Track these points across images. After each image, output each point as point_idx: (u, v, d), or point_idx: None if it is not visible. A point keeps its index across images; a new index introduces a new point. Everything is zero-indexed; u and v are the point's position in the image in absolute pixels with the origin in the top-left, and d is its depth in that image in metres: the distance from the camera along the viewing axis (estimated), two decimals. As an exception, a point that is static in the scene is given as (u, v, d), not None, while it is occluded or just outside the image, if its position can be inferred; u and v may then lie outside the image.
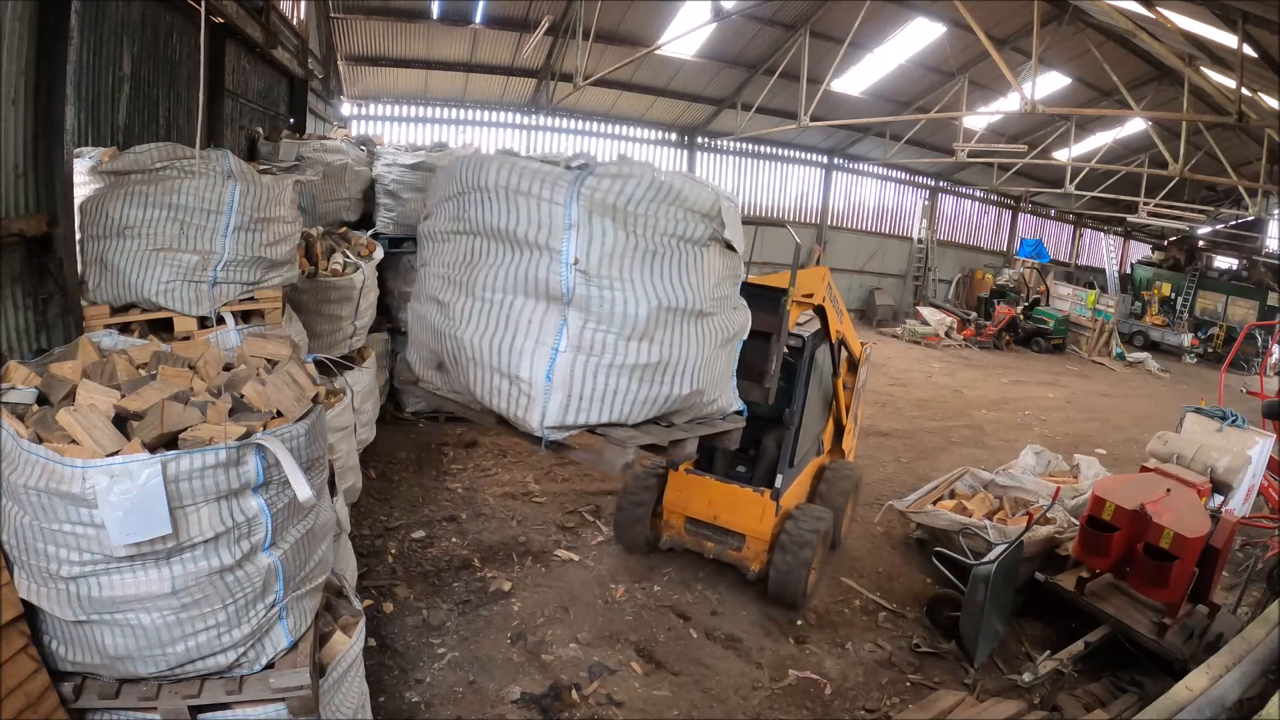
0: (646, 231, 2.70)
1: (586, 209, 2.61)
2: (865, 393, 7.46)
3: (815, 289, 4.85)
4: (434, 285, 2.99)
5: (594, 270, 2.62)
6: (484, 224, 2.75)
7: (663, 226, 2.73)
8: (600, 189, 2.63)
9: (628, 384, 2.76)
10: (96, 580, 2.44)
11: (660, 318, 2.75)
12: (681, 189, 2.77)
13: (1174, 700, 3.21)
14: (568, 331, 2.64)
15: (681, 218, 2.78)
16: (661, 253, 2.75)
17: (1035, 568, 5.27)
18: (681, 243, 2.80)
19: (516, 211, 2.65)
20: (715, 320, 3.06)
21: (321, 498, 3.04)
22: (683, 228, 2.78)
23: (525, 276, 2.67)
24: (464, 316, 2.77)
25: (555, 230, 2.61)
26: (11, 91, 3.08)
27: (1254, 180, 13.84)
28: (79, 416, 2.47)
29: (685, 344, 2.87)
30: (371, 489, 6.14)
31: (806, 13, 11.91)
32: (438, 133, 14.40)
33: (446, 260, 2.95)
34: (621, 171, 2.66)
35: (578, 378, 2.69)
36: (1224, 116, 8.13)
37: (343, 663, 3.01)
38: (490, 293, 2.72)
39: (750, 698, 4.25)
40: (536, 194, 2.64)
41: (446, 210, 2.98)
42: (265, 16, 7.22)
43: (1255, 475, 6.44)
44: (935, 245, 20.30)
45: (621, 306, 2.68)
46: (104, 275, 3.72)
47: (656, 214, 2.70)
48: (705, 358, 2.99)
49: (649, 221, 2.70)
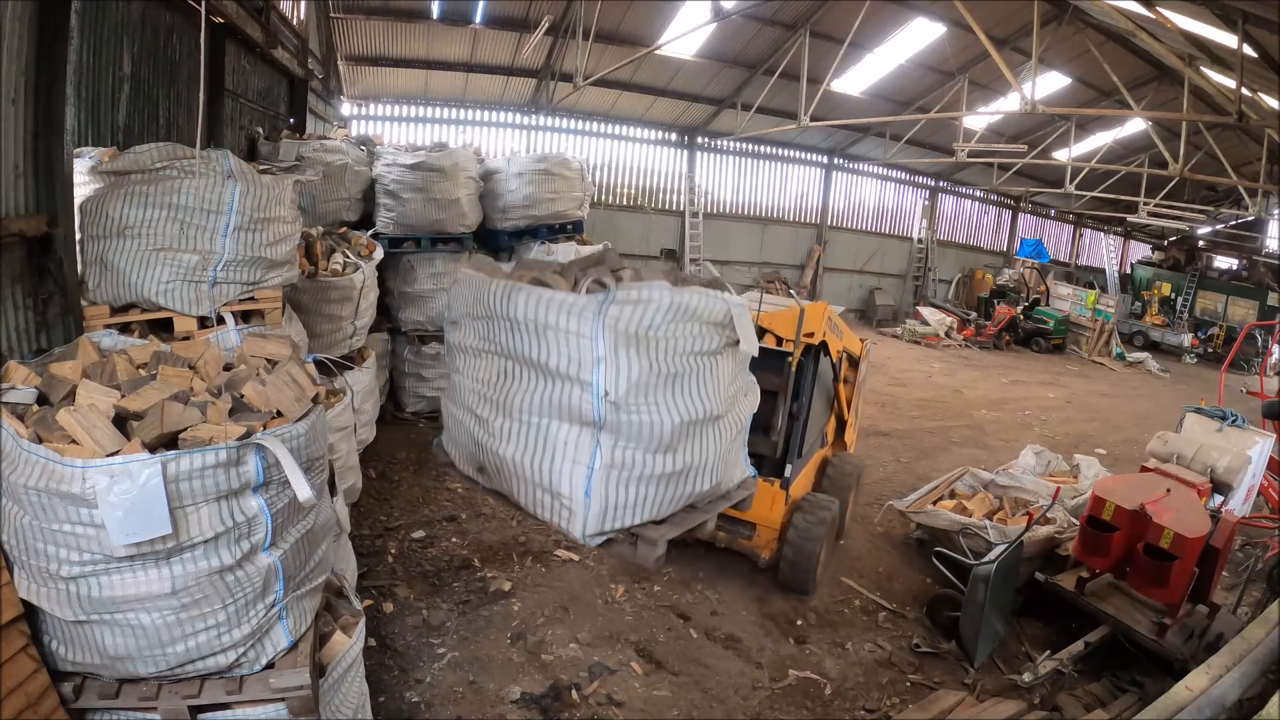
0: (667, 354, 2.93)
1: (612, 341, 2.82)
2: (866, 393, 7.51)
3: (816, 328, 5.00)
4: (470, 398, 3.23)
5: (622, 400, 2.85)
6: (515, 351, 2.99)
7: (681, 346, 2.97)
8: (623, 317, 2.83)
9: (656, 490, 3.05)
10: (96, 580, 2.44)
11: (683, 431, 3.02)
12: (696, 305, 2.98)
13: (1174, 700, 3.21)
14: (601, 452, 2.91)
15: (698, 332, 3.01)
16: (682, 373, 2.99)
17: (1035, 568, 5.27)
18: (699, 357, 3.05)
19: (547, 346, 2.87)
20: (730, 417, 3.33)
21: (321, 498, 3.04)
22: (699, 343, 3.02)
23: (559, 403, 2.91)
24: (504, 435, 3.03)
25: (585, 365, 2.83)
26: (11, 91, 3.08)
27: (1254, 180, 13.84)
28: (79, 416, 2.47)
29: (705, 448, 3.15)
30: (371, 489, 6.14)
31: (806, 13, 11.91)
32: (438, 133, 14.40)
33: (480, 376, 3.19)
34: (640, 297, 2.86)
35: (612, 490, 2.97)
36: (1224, 116, 8.13)
37: (343, 663, 3.01)
38: (527, 415, 2.97)
39: (750, 698, 4.25)
40: (564, 328, 2.84)
41: (476, 329, 3.19)
42: (265, 16, 7.22)
43: (1255, 475, 6.44)
44: (935, 245, 20.30)
45: (649, 427, 2.93)
46: (104, 275, 3.72)
47: (675, 333, 2.93)
48: (722, 453, 3.27)
49: (669, 343, 2.93)
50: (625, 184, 16.40)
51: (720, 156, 17.19)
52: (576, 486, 2.97)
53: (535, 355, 2.90)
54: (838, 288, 19.02)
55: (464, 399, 3.26)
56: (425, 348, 7.90)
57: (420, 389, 8.01)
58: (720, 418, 3.20)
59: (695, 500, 3.26)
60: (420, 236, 7.55)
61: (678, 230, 16.71)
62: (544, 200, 7.87)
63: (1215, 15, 6.59)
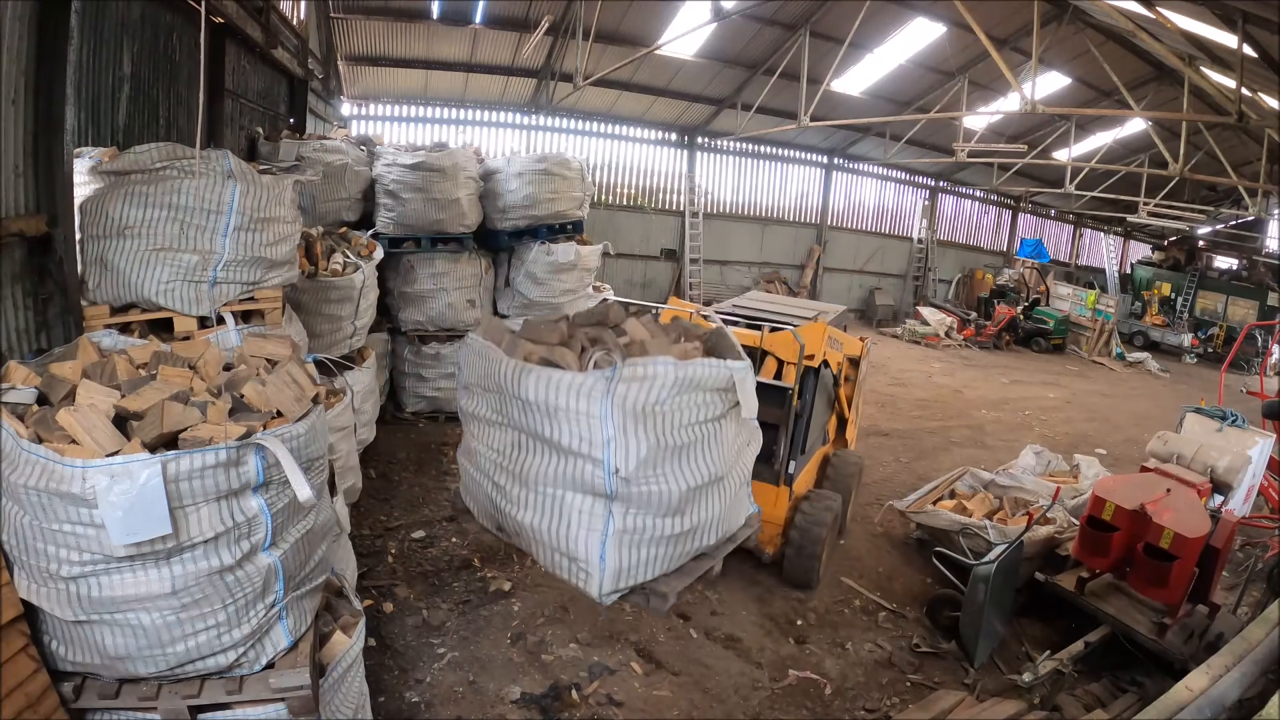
0: (673, 427, 3.06)
1: (620, 420, 2.95)
2: (866, 393, 7.51)
3: (816, 350, 5.05)
4: (487, 465, 3.41)
5: (633, 475, 3.00)
6: (529, 428, 3.14)
7: (687, 417, 3.10)
8: (630, 395, 2.95)
9: (667, 549, 3.23)
10: (96, 580, 2.44)
11: (690, 495, 3.17)
12: (700, 376, 3.09)
13: (1174, 700, 3.21)
14: (614, 519, 3.08)
15: (702, 401, 3.13)
16: (688, 443, 3.13)
17: (1035, 568, 5.27)
18: (704, 425, 3.17)
19: (559, 426, 3.01)
20: (735, 473, 3.48)
21: (321, 498, 3.04)
22: (704, 412, 3.15)
23: (573, 477, 3.08)
24: (521, 503, 3.21)
25: (596, 444, 2.97)
26: (11, 91, 3.08)
27: (1254, 180, 13.83)
28: (79, 416, 2.48)
29: (711, 505, 3.32)
30: (371, 489, 6.14)
31: (806, 13, 11.90)
32: (438, 133, 14.38)
33: (496, 446, 3.36)
34: (646, 373, 2.97)
35: (625, 553, 3.15)
36: (1224, 116, 8.12)
37: (343, 663, 3.01)
38: (542, 485, 3.14)
39: (750, 698, 4.25)
40: (575, 409, 2.97)
41: (489, 401, 3.34)
42: (265, 16, 7.22)
43: (1255, 475, 6.43)
44: (935, 245, 20.29)
45: (658, 496, 3.08)
46: (104, 275, 3.72)
47: (680, 405, 3.06)
48: (727, 506, 3.43)
49: (675, 416, 3.06)
50: (625, 184, 16.39)
51: (720, 156, 17.18)
52: (592, 551, 3.13)
53: (548, 434, 3.05)
54: (838, 288, 19.01)
55: (482, 465, 3.43)
56: (425, 348, 7.90)
57: (420, 389, 8.02)
58: (725, 477, 3.35)
59: (704, 550, 3.43)
60: (420, 236, 7.55)
61: (678, 230, 16.70)
62: (544, 200, 7.87)
63: (1215, 15, 6.59)
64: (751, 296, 6.57)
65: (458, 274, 7.84)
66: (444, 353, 7.90)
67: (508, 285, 8.23)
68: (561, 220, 8.14)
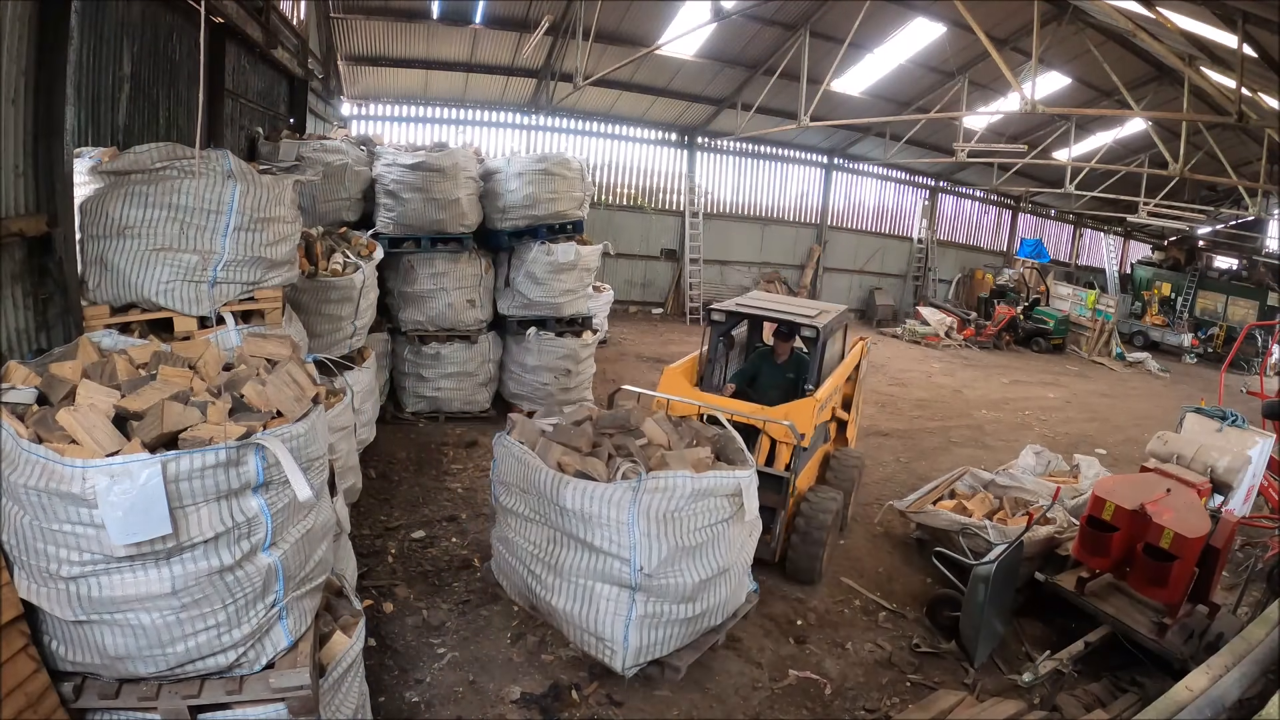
0: (689, 530, 3.63)
1: (645, 525, 3.53)
2: (866, 393, 7.52)
3: (808, 428, 5.19)
4: (524, 554, 3.95)
5: (655, 571, 3.58)
6: (564, 528, 3.69)
7: (700, 520, 3.66)
8: (653, 504, 3.54)
9: (681, 629, 3.82)
10: (96, 580, 2.44)
11: (701, 585, 3.74)
12: (711, 485, 3.68)
13: (1174, 700, 3.21)
14: (636, 607, 3.64)
15: (714, 505, 3.70)
16: (701, 544, 3.68)
17: (1035, 568, 5.27)
18: (714, 527, 3.73)
19: (592, 530, 3.57)
20: (738, 563, 4.04)
21: (321, 498, 3.04)
22: (714, 515, 3.71)
23: (602, 570, 3.63)
24: (555, 590, 3.75)
25: (623, 546, 3.54)
26: (11, 91, 3.08)
27: (1254, 180, 13.82)
28: (79, 416, 2.48)
29: (719, 592, 3.87)
30: (371, 489, 6.14)
31: (806, 13, 11.90)
32: (438, 133, 14.40)
33: (532, 539, 3.91)
34: (666, 485, 3.56)
35: (646, 633, 3.75)
36: (1224, 116, 8.12)
37: (343, 663, 3.01)
38: (574, 576, 3.68)
39: (750, 698, 4.25)
40: (606, 516, 3.54)
41: (528, 501, 3.88)
42: (265, 16, 7.22)
43: (1255, 475, 6.43)
44: (935, 245, 20.29)
45: (675, 588, 3.65)
46: (104, 275, 3.72)
47: (695, 510, 3.62)
48: (733, 590, 4.03)
49: (690, 520, 3.63)
50: (625, 184, 16.40)
51: (720, 156, 17.18)
52: (617, 633, 3.73)
53: (582, 535, 3.59)
54: (838, 288, 19.01)
55: (519, 554, 3.96)
56: (425, 348, 7.90)
57: (420, 389, 8.02)
58: (730, 568, 3.91)
59: (712, 627, 4.02)
60: (420, 236, 7.55)
61: (678, 230, 16.71)
62: (544, 200, 7.87)
63: (1215, 15, 6.59)
64: (753, 296, 6.63)
65: (458, 274, 7.84)
66: (444, 353, 7.91)
67: (508, 285, 8.23)
68: (561, 220, 8.13)
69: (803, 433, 5.05)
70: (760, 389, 5.88)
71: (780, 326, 5.80)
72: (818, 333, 5.47)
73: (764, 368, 6.03)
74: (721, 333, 6.04)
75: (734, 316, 5.92)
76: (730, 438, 4.38)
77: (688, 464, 3.79)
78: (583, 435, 4.04)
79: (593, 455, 3.80)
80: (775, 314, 5.77)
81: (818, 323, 5.52)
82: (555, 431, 4.07)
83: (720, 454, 4.31)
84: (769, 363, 6.03)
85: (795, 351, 6.04)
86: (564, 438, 3.97)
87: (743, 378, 6.02)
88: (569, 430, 4.06)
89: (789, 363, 5.96)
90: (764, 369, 6.03)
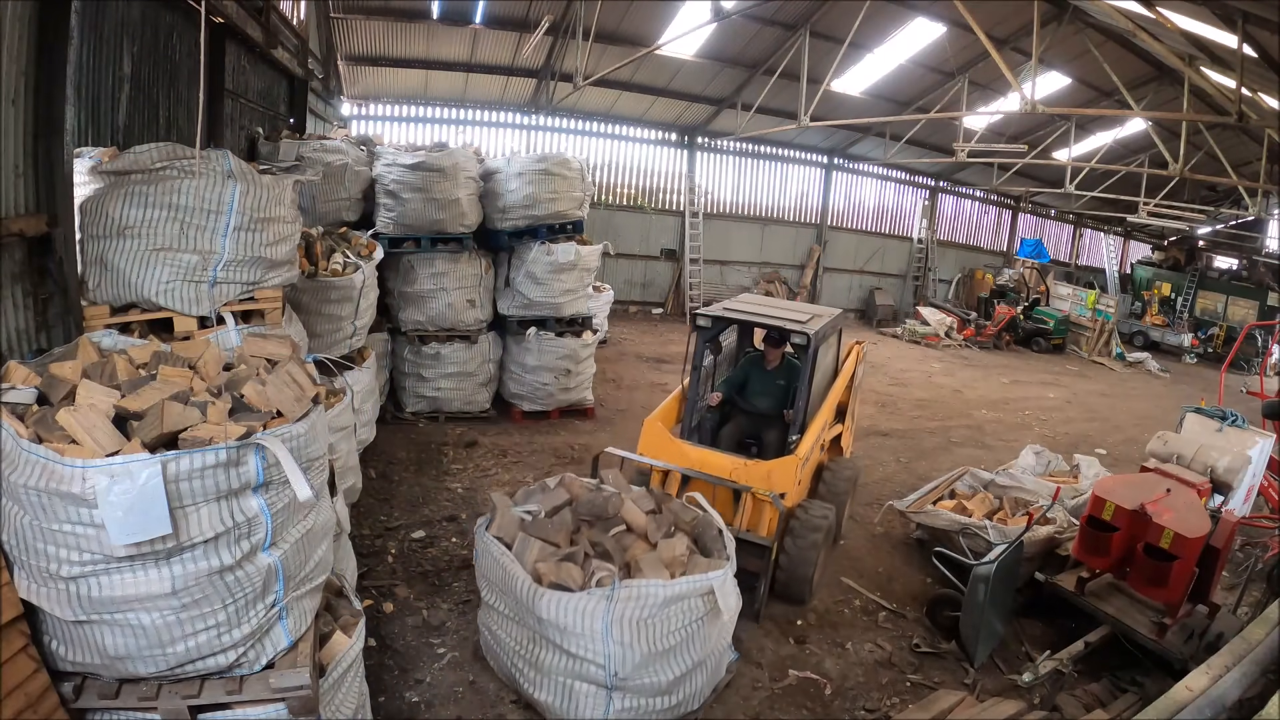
0: (663, 634, 3.64)
1: (619, 633, 3.57)
2: (866, 393, 7.46)
3: (790, 488, 4.97)
4: (508, 648, 3.96)
5: (629, 675, 3.64)
6: (543, 634, 3.71)
7: (675, 622, 3.67)
8: (627, 612, 3.57)
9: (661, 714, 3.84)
10: (96, 580, 2.44)
11: (677, 680, 3.77)
12: (685, 590, 3.66)
13: (1174, 700, 3.21)
14: (614, 702, 3.72)
15: (689, 607, 3.69)
16: (675, 645, 3.70)
17: (1035, 568, 5.27)
18: (688, 627, 3.72)
19: (568, 639, 3.62)
20: (715, 650, 3.99)
21: (321, 498, 3.05)
22: (688, 616, 3.71)
23: (580, 672, 3.68)
24: (537, 685, 3.81)
25: (599, 654, 3.60)
26: (11, 91, 3.08)
27: (1254, 180, 13.83)
28: (79, 416, 2.48)
29: (695, 682, 3.90)
30: (371, 489, 6.14)
31: (806, 13, 11.90)
32: (438, 133, 14.39)
33: (515, 636, 3.91)
34: (639, 594, 3.58)
35: None
36: (1224, 116, 8.12)
37: (343, 663, 3.01)
38: (554, 674, 3.74)
39: (750, 698, 4.25)
40: (581, 628, 3.57)
41: (508, 602, 3.89)
42: (265, 16, 7.22)
43: (1255, 475, 6.43)
44: (935, 245, 20.29)
45: (650, 685, 3.71)
46: (104, 275, 3.72)
47: (668, 614, 3.65)
48: (710, 675, 4.02)
49: (664, 624, 3.64)
50: (625, 184, 16.40)
51: (720, 156, 17.18)
52: None
53: (559, 641, 3.65)
54: (838, 288, 19.02)
55: (502, 645, 3.99)
56: (425, 348, 7.90)
57: (420, 389, 8.02)
58: (706, 660, 3.91)
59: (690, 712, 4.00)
60: (420, 236, 7.55)
61: (678, 230, 16.71)
62: (544, 200, 7.87)
63: (1215, 15, 6.58)
64: (743, 299, 6.25)
65: (458, 274, 7.84)
66: (444, 353, 7.91)
67: (508, 285, 8.23)
68: (561, 220, 8.13)
69: (785, 493, 4.85)
70: (750, 397, 5.70)
71: (771, 332, 5.48)
72: (809, 340, 5.14)
73: (754, 374, 5.75)
74: (708, 339, 5.66)
75: (721, 321, 5.53)
76: (709, 523, 4.28)
77: (663, 565, 3.77)
78: (560, 528, 4.02)
79: (568, 560, 3.78)
80: (764, 319, 5.45)
81: (809, 329, 5.19)
82: (534, 524, 4.02)
83: (699, 540, 4.20)
84: (759, 369, 5.75)
85: (787, 357, 5.70)
86: (542, 532, 3.95)
87: (731, 385, 5.76)
88: (546, 525, 4.02)
89: (780, 369, 5.67)
90: (754, 376, 5.75)
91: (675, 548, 3.93)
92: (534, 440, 7.83)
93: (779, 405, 5.56)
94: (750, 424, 5.72)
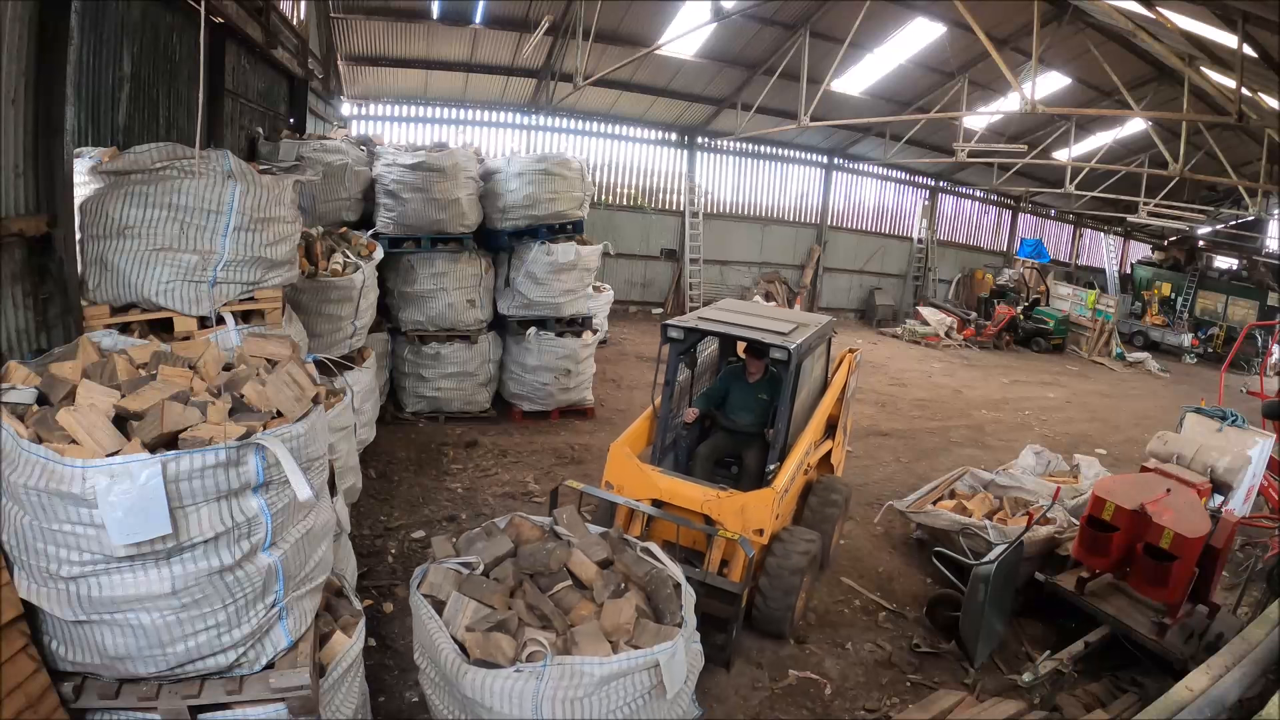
0: (601, 715, 3.18)
1: (550, 714, 3.10)
2: (865, 393, 7.42)
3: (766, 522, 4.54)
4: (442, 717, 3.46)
5: None
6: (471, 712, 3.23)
7: (613, 702, 3.21)
8: (559, 694, 3.10)
9: None
10: (96, 580, 2.44)
11: None
12: (624, 668, 3.19)
13: (1174, 700, 3.21)
14: None
15: (630, 685, 3.22)
16: None
17: (1035, 568, 5.27)
18: (630, 703, 3.26)
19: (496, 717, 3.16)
20: None
21: (321, 498, 3.04)
22: (629, 694, 3.24)
23: None
24: None
25: None
26: (11, 91, 3.08)
27: (1254, 180, 13.83)
28: (79, 416, 2.48)
29: None
30: (371, 489, 6.14)
31: (806, 13, 11.90)
32: (438, 133, 14.40)
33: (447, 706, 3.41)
34: (573, 672, 3.11)
35: None
36: (1224, 116, 8.13)
37: (343, 663, 3.01)
38: None
39: (750, 698, 4.25)
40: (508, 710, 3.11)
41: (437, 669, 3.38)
42: (265, 16, 7.22)
43: (1255, 475, 6.43)
44: (935, 245, 20.30)
45: None
46: (104, 275, 3.72)
47: (607, 693, 3.20)
48: None
49: (602, 703, 3.19)
50: (625, 184, 16.40)
51: (720, 156, 17.18)
52: None
53: None
54: (838, 288, 19.02)
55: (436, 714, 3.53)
56: (425, 348, 7.91)
57: (420, 389, 8.02)
58: None
59: None
60: (420, 236, 7.55)
61: (678, 230, 16.71)
62: (544, 200, 7.87)
63: (1215, 15, 6.58)
64: (722, 306, 5.55)
65: (458, 274, 7.84)
66: (444, 353, 7.91)
67: (508, 285, 8.23)
68: (561, 220, 8.14)
69: (762, 528, 4.47)
70: (730, 412, 5.26)
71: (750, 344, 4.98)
72: (789, 356, 4.57)
73: (735, 387, 5.30)
74: (681, 351, 5.09)
75: (694, 333, 4.98)
76: (664, 579, 3.73)
77: (604, 635, 3.33)
78: (497, 590, 3.50)
79: (501, 627, 3.29)
80: (741, 331, 4.89)
81: (789, 342, 4.62)
82: (469, 582, 3.55)
83: (652, 598, 3.69)
84: (741, 381, 5.30)
85: (770, 369, 5.18)
86: (477, 592, 3.48)
87: (710, 400, 5.33)
88: (481, 584, 3.54)
89: (763, 382, 5.21)
90: (735, 389, 5.29)
91: (622, 612, 3.44)
92: (534, 440, 7.84)
93: (761, 422, 5.12)
94: (730, 442, 5.25)
